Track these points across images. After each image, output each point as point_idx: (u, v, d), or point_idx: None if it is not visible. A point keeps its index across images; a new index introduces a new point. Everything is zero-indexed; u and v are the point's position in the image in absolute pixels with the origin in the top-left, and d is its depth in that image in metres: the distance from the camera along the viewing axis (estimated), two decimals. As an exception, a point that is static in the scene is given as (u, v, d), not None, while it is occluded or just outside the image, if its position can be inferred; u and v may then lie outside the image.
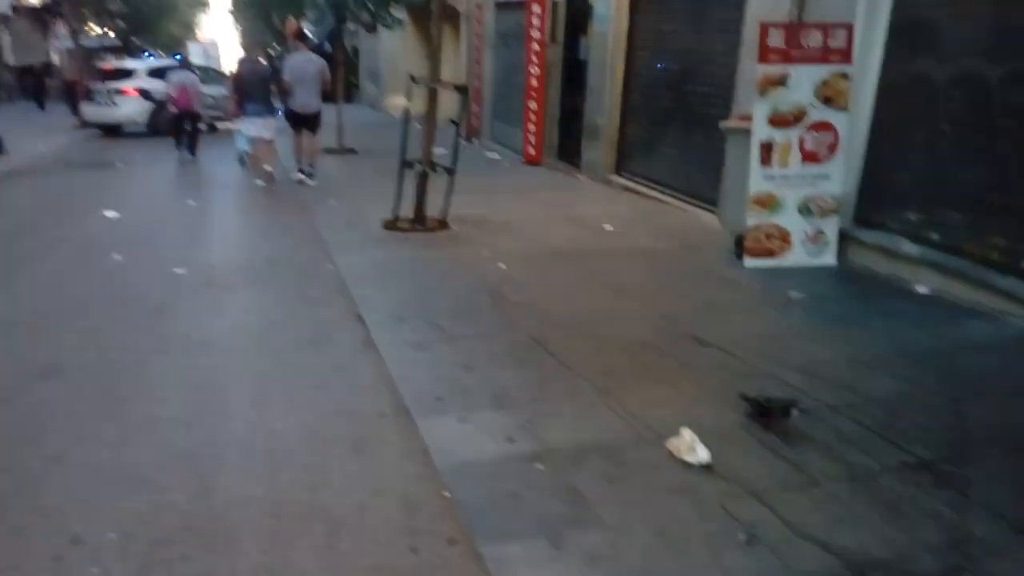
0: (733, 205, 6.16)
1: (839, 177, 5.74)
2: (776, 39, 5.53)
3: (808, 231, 5.76)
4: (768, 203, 5.69)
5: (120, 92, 15.31)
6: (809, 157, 5.68)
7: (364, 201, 8.29)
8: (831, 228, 5.78)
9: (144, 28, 29.79)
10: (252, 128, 9.58)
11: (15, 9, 23.76)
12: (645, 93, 9.14)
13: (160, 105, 13.84)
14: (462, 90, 6.61)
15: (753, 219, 5.71)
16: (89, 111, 15.79)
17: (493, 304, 4.83)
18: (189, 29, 39.25)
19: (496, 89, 13.95)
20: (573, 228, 7.18)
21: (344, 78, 27.61)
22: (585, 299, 4.97)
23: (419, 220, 6.92)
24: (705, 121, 7.92)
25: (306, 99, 9.47)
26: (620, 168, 9.78)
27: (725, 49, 7.55)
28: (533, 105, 11.49)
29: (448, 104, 17.78)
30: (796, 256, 5.77)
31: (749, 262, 5.73)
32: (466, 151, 14.03)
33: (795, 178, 5.70)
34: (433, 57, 6.65)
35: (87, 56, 26.79)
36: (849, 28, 5.57)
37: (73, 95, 17.75)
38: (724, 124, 6.28)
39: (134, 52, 27.75)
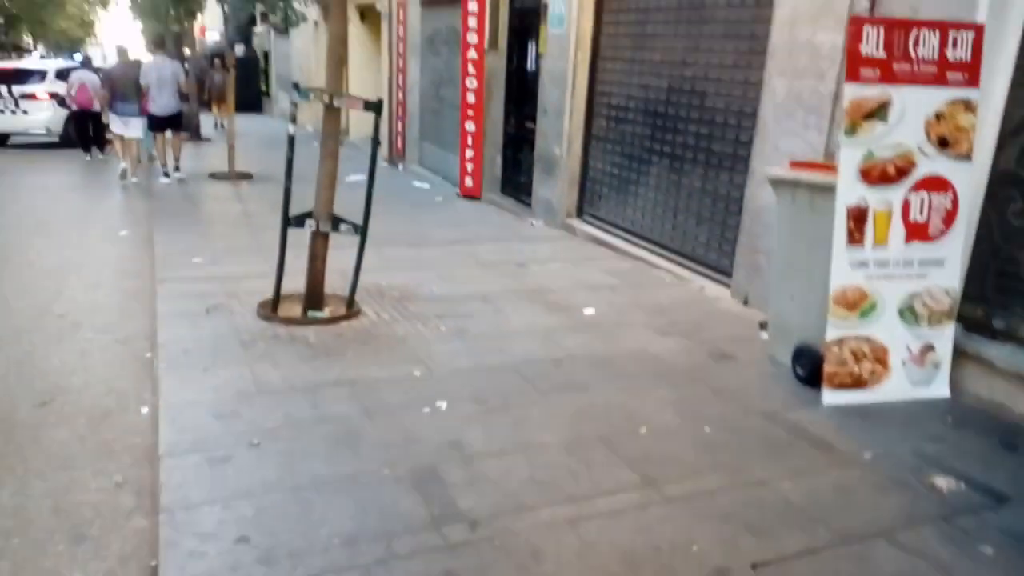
0: (787, 297, 4.04)
1: (957, 262, 3.70)
2: (873, 44, 3.44)
3: (912, 346, 3.68)
4: (857, 303, 3.58)
5: (29, 97, 12.96)
6: (916, 232, 3.62)
7: (242, 259, 5.82)
8: (944, 341, 3.73)
9: (28, 22, 25.96)
10: (120, 126, 9.76)
11: None
12: (616, 116, 7.00)
13: (73, 112, 12.36)
14: (374, 107, 4.27)
15: (836, 329, 3.57)
16: None
17: (431, 527, 2.52)
18: (85, 27, 35.21)
19: (425, 104, 11.60)
20: (541, 312, 4.93)
21: (254, 85, 24.79)
22: (598, 503, 2.72)
23: (313, 302, 4.53)
24: (709, 158, 5.82)
25: (164, 101, 9.56)
26: (583, 210, 7.60)
27: (739, 60, 5.47)
28: (470, 126, 9.21)
29: (366, 118, 15.26)
30: (895, 386, 3.67)
31: (830, 396, 3.60)
32: (389, 178, 11.59)
33: (897, 264, 3.62)
34: (333, 62, 4.28)
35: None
36: (978, 31, 3.54)
37: None
38: (771, 173, 4.17)
39: (17, 51, 24.00)
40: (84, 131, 12.19)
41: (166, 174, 9.72)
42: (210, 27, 33.02)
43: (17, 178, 10.37)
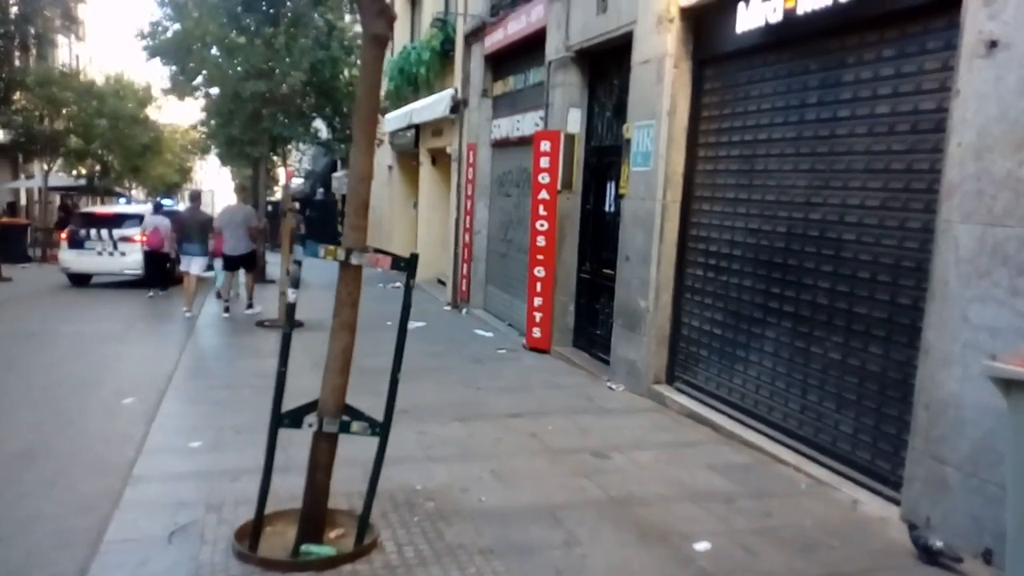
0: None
1: None
2: None
3: None
4: None
5: (127, 240, 13.51)
6: None
7: (250, 443, 4.53)
8: None
9: (123, 170, 27.31)
10: (185, 263, 10.29)
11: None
12: (716, 266, 5.69)
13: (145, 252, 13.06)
14: (405, 265, 3.07)
15: None
16: (73, 259, 13.60)
17: None
18: (182, 173, 37.30)
19: (492, 246, 10.65)
20: (632, 544, 3.40)
21: (331, 228, 24.97)
22: None
23: (311, 529, 3.17)
24: (852, 323, 4.36)
25: (234, 243, 10.05)
26: (675, 375, 6.15)
27: (891, 201, 4.13)
28: (540, 272, 8.07)
29: (435, 256, 14.64)
30: None
31: None
32: (450, 324, 10.11)
33: None
34: (354, 207, 3.15)
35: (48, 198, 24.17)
36: None
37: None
38: (998, 368, 2.69)
39: (108, 195, 25.09)
40: (152, 270, 12.92)
41: (227, 310, 10.21)
42: (298, 173, 34.44)
43: (73, 312, 10.01)
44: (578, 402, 6.04)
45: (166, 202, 18.74)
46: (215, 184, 50.55)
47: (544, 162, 7.91)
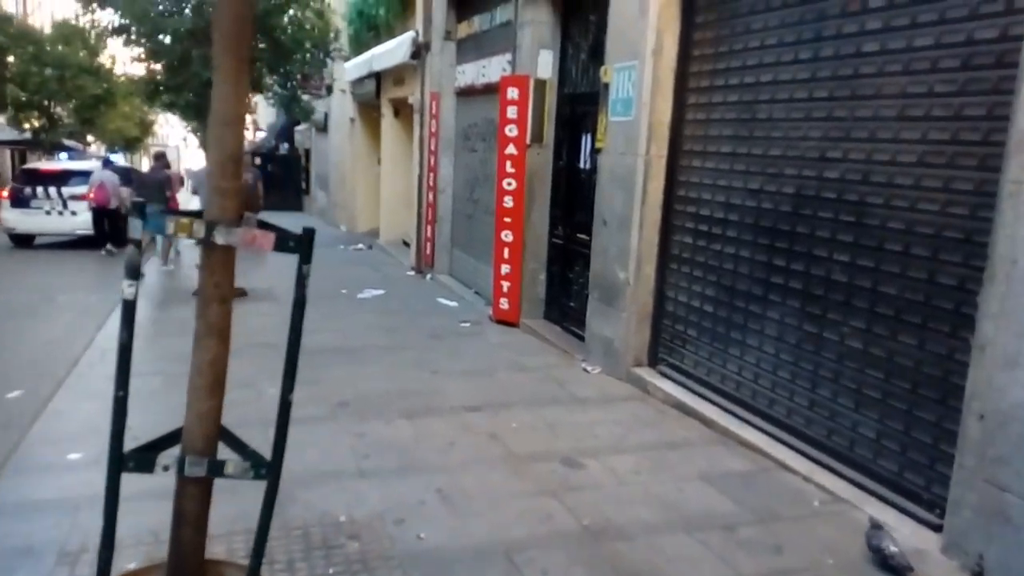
0: None
1: None
2: None
3: None
4: None
5: (78, 198, 12.64)
6: None
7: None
8: None
9: (89, 123, 25.57)
10: None
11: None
12: (708, 233, 4.83)
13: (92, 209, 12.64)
14: (297, 246, 2.14)
15: None
16: (17, 218, 12.66)
17: None
18: (143, 127, 35.36)
19: (458, 206, 9.69)
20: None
21: (295, 183, 23.69)
22: None
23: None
24: (877, 305, 3.54)
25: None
26: (659, 358, 5.34)
27: (933, 156, 3.28)
28: (507, 236, 7.17)
29: (405, 213, 13.51)
30: None
31: None
32: (413, 291, 9.07)
33: None
34: (218, 160, 2.20)
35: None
36: None
37: None
38: None
39: (48, 150, 23.39)
40: (100, 227, 12.43)
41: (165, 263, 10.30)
42: (262, 126, 32.72)
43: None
44: (548, 389, 5.21)
45: (114, 157, 17.40)
46: (181, 141, 48.38)
47: (511, 112, 6.93)
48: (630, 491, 3.55)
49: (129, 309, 2.10)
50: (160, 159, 11.09)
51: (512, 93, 6.92)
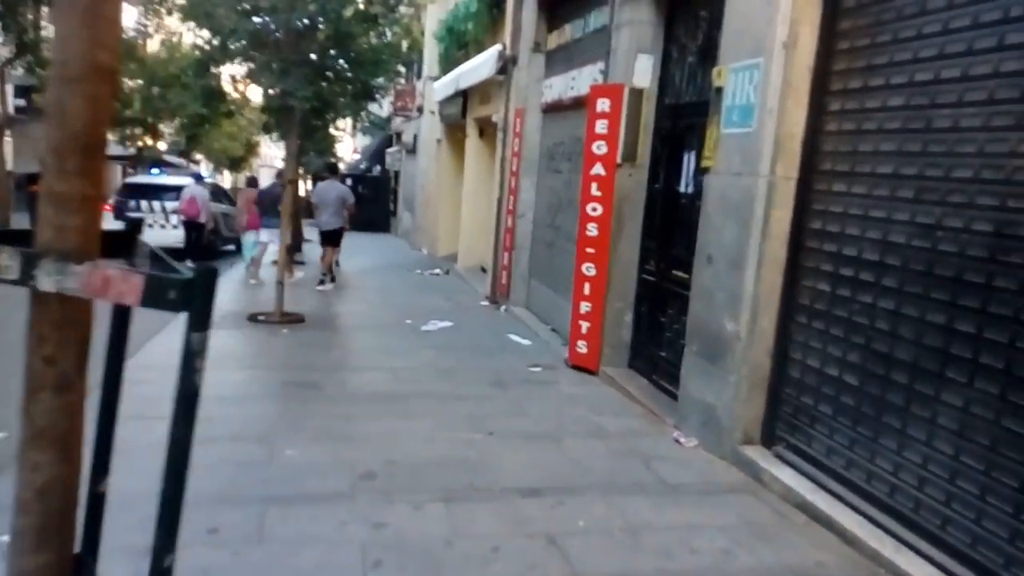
0: None
1: None
2: None
3: None
4: None
5: (177, 212, 12.69)
6: None
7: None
8: None
9: (194, 139, 26.43)
10: (265, 234, 10.23)
11: (21, 110, 20.16)
12: (853, 278, 3.61)
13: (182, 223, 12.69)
14: (175, 297, 1.27)
15: None
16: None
17: None
18: (249, 148, 36.46)
19: (538, 233, 8.72)
20: None
21: (383, 205, 23.46)
22: None
23: None
24: None
25: (324, 219, 10.16)
26: (777, 436, 4.11)
27: None
28: (589, 269, 6.11)
29: (479, 238, 12.63)
30: None
31: None
32: (485, 324, 8.08)
33: None
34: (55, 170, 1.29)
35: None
36: None
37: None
38: None
39: (147, 165, 24.10)
40: (190, 240, 12.41)
41: (320, 282, 10.22)
42: (358, 148, 32.98)
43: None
44: (630, 467, 4.08)
45: (154, 171, 17.22)
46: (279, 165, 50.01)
47: (600, 126, 5.91)
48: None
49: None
50: (281, 177, 10.65)
51: (602, 105, 5.90)
